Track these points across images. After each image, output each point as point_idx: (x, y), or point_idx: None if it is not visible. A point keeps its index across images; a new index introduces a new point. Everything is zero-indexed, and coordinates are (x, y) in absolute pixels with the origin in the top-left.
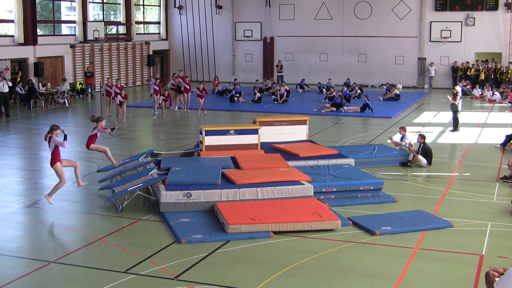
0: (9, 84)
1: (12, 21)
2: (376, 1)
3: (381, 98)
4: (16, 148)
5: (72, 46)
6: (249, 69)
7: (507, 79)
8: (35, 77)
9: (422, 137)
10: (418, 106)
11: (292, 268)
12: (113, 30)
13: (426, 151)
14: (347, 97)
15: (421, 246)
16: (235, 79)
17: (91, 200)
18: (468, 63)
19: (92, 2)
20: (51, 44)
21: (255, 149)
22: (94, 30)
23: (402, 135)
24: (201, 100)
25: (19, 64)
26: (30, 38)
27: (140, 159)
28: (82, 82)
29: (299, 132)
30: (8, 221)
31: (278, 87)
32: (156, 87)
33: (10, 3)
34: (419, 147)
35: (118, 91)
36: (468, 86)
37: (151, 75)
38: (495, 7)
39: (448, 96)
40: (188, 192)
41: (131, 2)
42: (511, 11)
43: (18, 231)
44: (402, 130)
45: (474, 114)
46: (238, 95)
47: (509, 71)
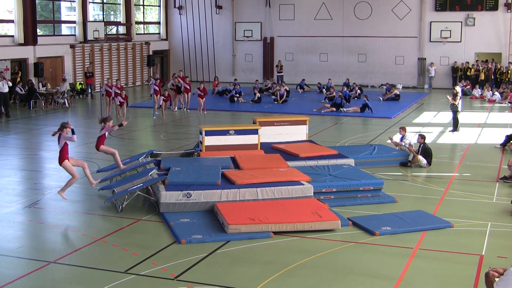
0: (9, 84)
1: (12, 21)
2: (376, 1)
3: (381, 98)
4: (16, 148)
5: (72, 46)
6: (249, 69)
7: (507, 79)
8: (35, 77)
9: (422, 137)
10: (418, 106)
11: (292, 268)
12: (113, 30)
13: (426, 151)
14: (347, 97)
15: (421, 246)
16: (235, 79)
17: (91, 200)
18: (468, 63)
19: (92, 2)
20: (51, 44)
21: (255, 149)
22: (94, 30)
23: (402, 135)
24: (201, 100)
25: (19, 64)
26: (30, 38)
27: (140, 159)
28: (82, 82)
29: (299, 132)
30: (8, 221)
31: (278, 87)
32: (156, 87)
33: (10, 3)
34: (419, 147)
35: (118, 91)
36: (468, 86)
37: (151, 75)
38: (495, 7)
39: (448, 96)
40: (188, 193)
41: (131, 2)
42: (511, 11)
43: (18, 231)
44: (402, 130)
45: (474, 114)
46: (238, 95)
47: (509, 71)
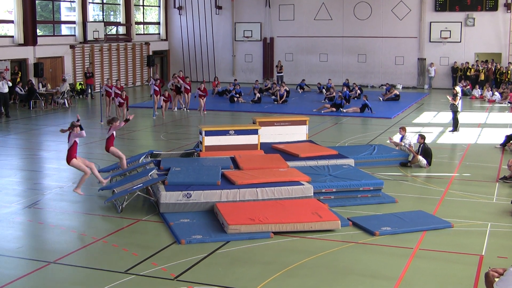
0: (9, 85)
1: (12, 22)
2: (375, 2)
3: (381, 99)
4: (16, 149)
5: (72, 46)
6: (249, 70)
7: (506, 79)
8: (35, 78)
9: (422, 137)
10: (418, 107)
11: (292, 269)
12: (113, 30)
13: (426, 152)
14: (347, 98)
15: (421, 246)
16: (235, 80)
17: (91, 200)
18: (468, 63)
19: (92, 2)
20: (51, 45)
21: (255, 150)
22: (94, 31)
23: (402, 136)
24: (202, 101)
25: (19, 64)
26: (30, 38)
27: (140, 160)
28: (82, 82)
29: (299, 133)
30: (8, 222)
31: (278, 88)
32: (156, 88)
33: (10, 4)
34: (419, 147)
35: (118, 91)
36: (468, 87)
37: (151, 75)
38: (494, 8)
39: (448, 96)
40: (188, 193)
41: (130, 2)
42: (510, 12)
43: (18, 232)
44: (402, 131)
45: (474, 115)
46: (238, 95)
47: (509, 72)
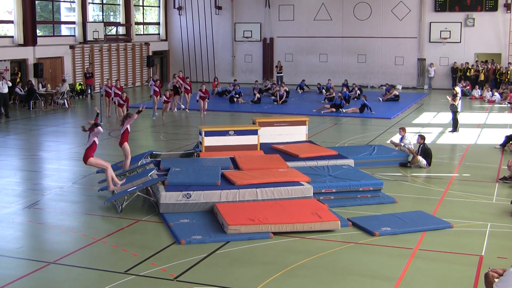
0: (9, 85)
1: (11, 22)
2: (375, 2)
3: (381, 99)
4: (16, 149)
5: (72, 47)
6: (249, 70)
7: (506, 79)
8: (34, 78)
9: (421, 137)
10: (418, 107)
11: (291, 269)
12: (112, 31)
13: (426, 152)
14: (346, 98)
15: (420, 246)
16: (235, 80)
17: (91, 201)
18: (468, 63)
19: (92, 3)
20: (50, 45)
21: (255, 150)
22: (93, 31)
23: (402, 136)
24: (203, 102)
25: (19, 65)
26: (30, 39)
27: (140, 162)
28: (82, 83)
29: (299, 133)
30: (8, 222)
31: (278, 88)
32: (156, 88)
33: (10, 4)
34: (419, 147)
35: (118, 91)
36: (468, 87)
37: (150, 76)
38: (494, 8)
39: (447, 96)
40: (187, 193)
41: (130, 3)
42: (510, 12)
43: (18, 232)
44: (402, 131)
45: (474, 115)
46: (237, 96)
47: (509, 72)
